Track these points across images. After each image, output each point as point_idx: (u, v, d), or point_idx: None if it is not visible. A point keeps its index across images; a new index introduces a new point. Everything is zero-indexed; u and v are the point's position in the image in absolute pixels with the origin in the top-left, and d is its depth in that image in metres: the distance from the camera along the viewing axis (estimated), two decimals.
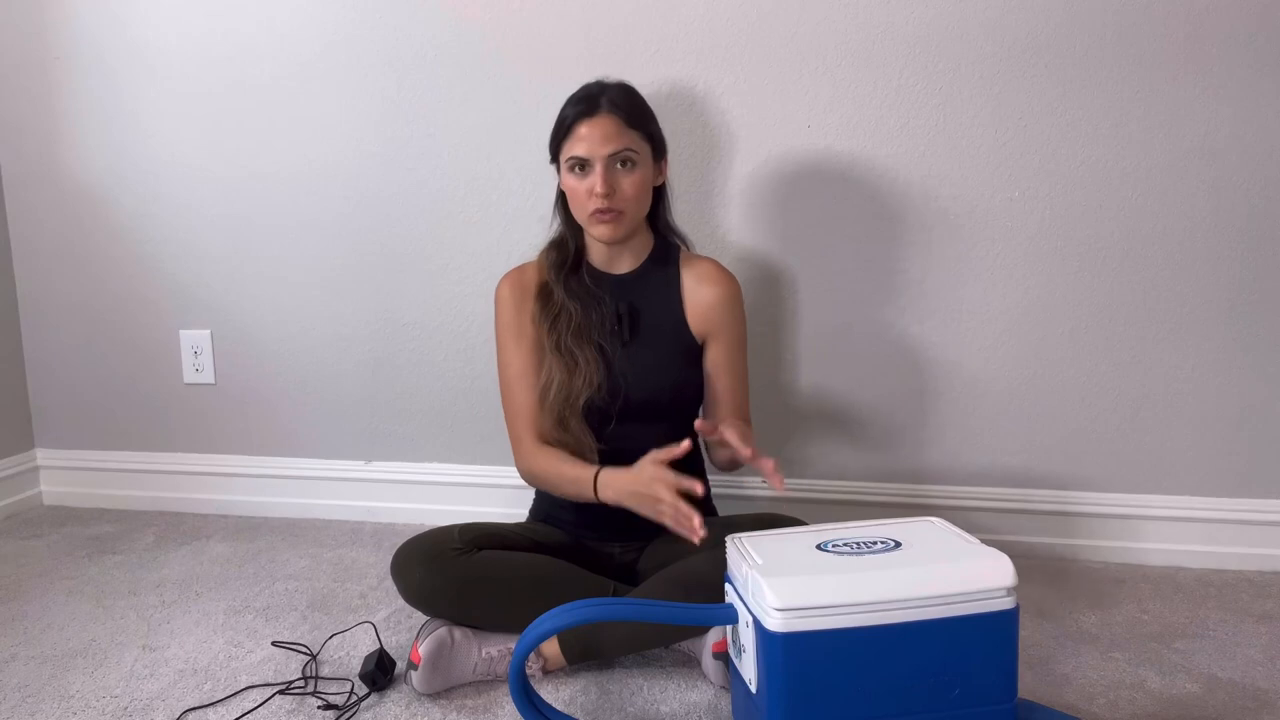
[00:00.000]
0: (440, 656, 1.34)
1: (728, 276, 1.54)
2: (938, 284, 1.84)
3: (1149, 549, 1.83)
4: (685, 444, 1.28)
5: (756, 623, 1.03)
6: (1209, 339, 1.78)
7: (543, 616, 1.13)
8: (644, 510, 1.30)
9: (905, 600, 1.01)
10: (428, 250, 2.02)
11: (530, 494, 1.64)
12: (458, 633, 1.37)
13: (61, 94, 2.13)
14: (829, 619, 1.00)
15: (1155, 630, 1.55)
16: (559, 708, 1.32)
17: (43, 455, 2.31)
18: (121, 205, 2.15)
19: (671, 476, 1.27)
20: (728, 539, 1.18)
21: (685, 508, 1.24)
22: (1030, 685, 1.37)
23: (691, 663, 1.43)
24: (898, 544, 1.11)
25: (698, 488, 1.25)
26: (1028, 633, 1.54)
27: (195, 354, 2.18)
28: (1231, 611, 1.62)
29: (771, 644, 1.01)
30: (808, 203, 1.86)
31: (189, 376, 2.19)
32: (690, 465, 1.61)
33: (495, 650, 1.38)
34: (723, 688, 1.35)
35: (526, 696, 1.18)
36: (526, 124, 1.90)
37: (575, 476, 1.40)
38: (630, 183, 1.42)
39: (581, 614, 1.13)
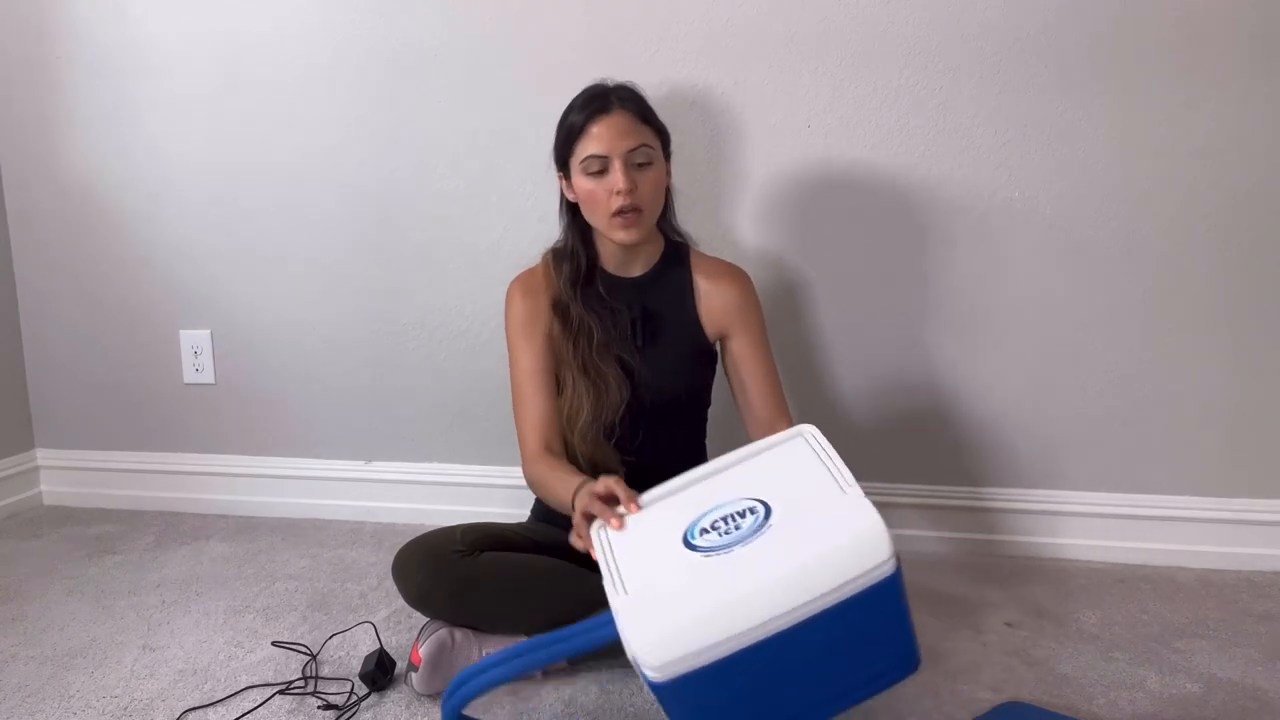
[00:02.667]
0: (440, 657, 1.34)
1: (739, 273, 1.53)
2: (937, 284, 1.84)
3: (1149, 549, 1.83)
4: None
5: (634, 659, 0.95)
6: (1209, 339, 1.77)
7: (453, 683, 1.09)
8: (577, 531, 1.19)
9: (785, 613, 0.93)
10: (428, 250, 2.02)
11: (529, 495, 1.63)
12: (458, 634, 1.37)
13: (62, 93, 2.13)
14: (709, 654, 0.92)
15: (1155, 630, 1.55)
16: (559, 708, 1.32)
17: (43, 455, 2.31)
18: (121, 205, 2.15)
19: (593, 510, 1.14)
20: (593, 528, 1.10)
21: (587, 537, 1.14)
22: (1030, 685, 1.37)
23: None
24: (768, 511, 1.00)
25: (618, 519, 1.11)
26: (1028, 633, 1.54)
27: (195, 354, 2.17)
28: (1231, 611, 1.62)
29: (656, 688, 0.95)
30: (806, 202, 1.86)
31: (189, 376, 2.19)
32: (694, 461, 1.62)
33: (495, 651, 1.38)
34: None
35: None
36: (527, 124, 1.90)
37: (560, 491, 1.30)
38: (649, 180, 1.40)
39: (484, 680, 1.07)
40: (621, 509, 1.12)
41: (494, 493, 2.03)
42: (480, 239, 1.99)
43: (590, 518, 1.14)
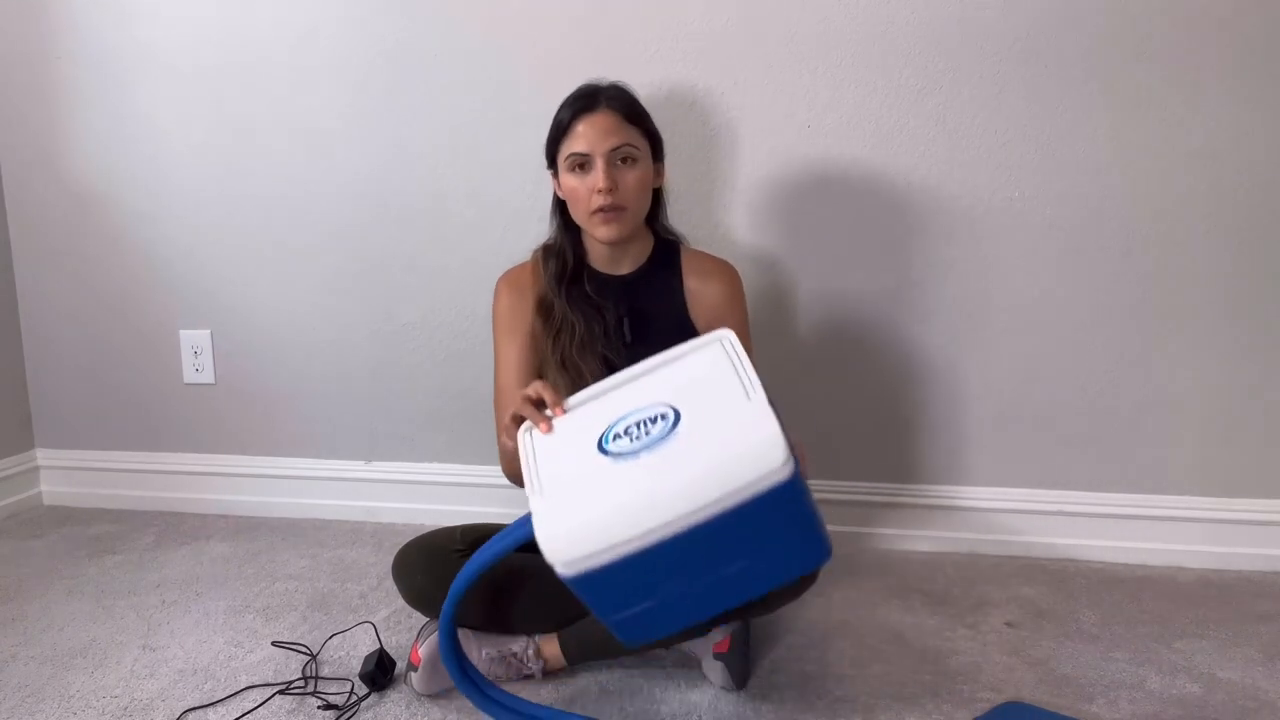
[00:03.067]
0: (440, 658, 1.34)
1: (727, 267, 1.53)
2: (938, 283, 1.84)
3: (1149, 549, 1.83)
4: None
5: (546, 558, 1.03)
6: (1209, 339, 1.78)
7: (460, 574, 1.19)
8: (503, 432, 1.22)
9: (682, 517, 0.98)
10: (427, 250, 2.02)
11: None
12: (458, 634, 1.37)
13: (61, 93, 2.13)
14: (611, 553, 0.99)
15: (1155, 630, 1.55)
16: (560, 707, 1.32)
17: (43, 455, 2.31)
18: (122, 205, 2.15)
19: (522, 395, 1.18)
20: (520, 430, 1.14)
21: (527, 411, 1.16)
22: (1030, 685, 1.37)
23: (692, 663, 1.43)
24: (677, 417, 1.05)
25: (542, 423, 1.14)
26: (1028, 633, 1.54)
27: (195, 354, 2.17)
28: (1231, 611, 1.62)
29: (566, 581, 1.03)
30: (807, 203, 1.86)
31: (189, 376, 2.19)
32: None
33: (495, 651, 1.38)
34: (723, 688, 1.36)
35: (457, 658, 1.23)
36: (526, 124, 1.90)
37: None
38: (632, 179, 1.40)
39: (451, 600, 1.19)
40: (549, 412, 1.14)
41: (494, 493, 2.02)
42: (480, 239, 1.99)
43: (520, 420, 1.15)
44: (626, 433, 1.06)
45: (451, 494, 2.08)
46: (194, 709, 1.34)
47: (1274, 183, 1.71)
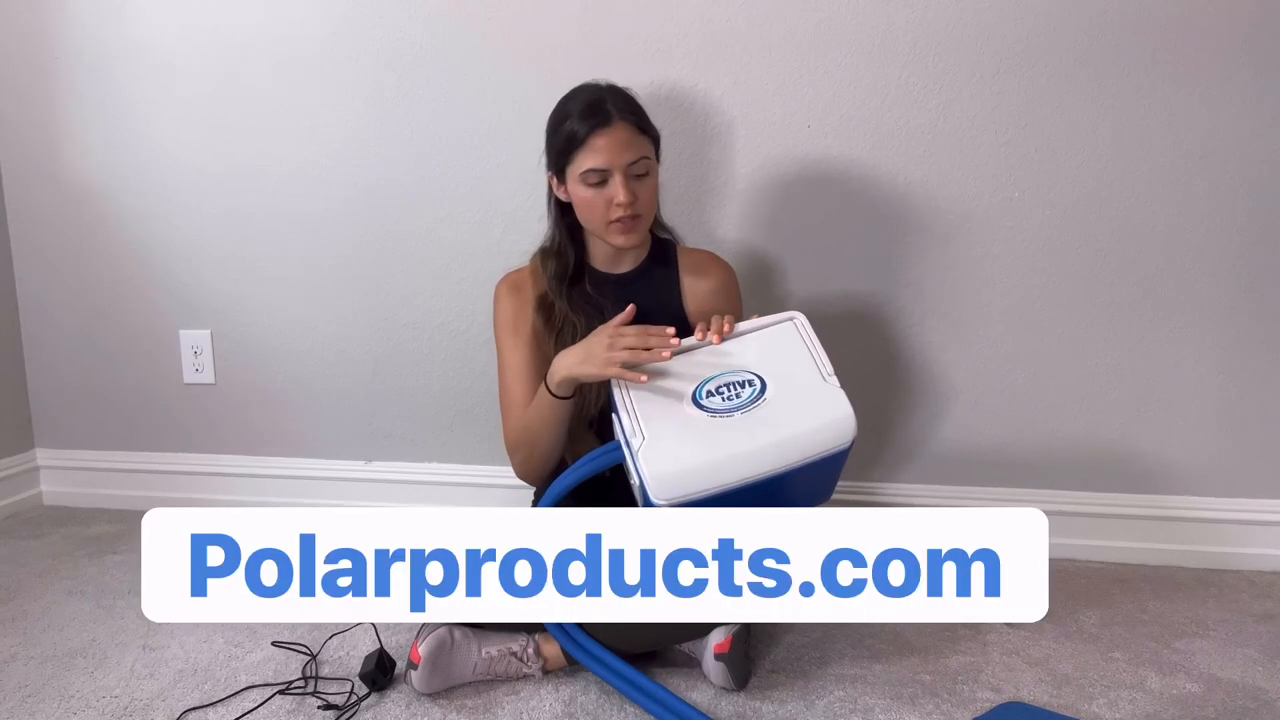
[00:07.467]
0: (440, 656, 1.34)
1: (722, 265, 1.56)
2: (937, 284, 1.84)
3: (1150, 549, 1.83)
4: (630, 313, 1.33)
5: (643, 486, 1.18)
6: (1209, 339, 1.78)
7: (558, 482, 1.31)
8: (597, 364, 1.27)
9: (768, 471, 1.18)
10: (428, 250, 2.02)
11: (529, 494, 1.64)
12: (458, 632, 1.37)
13: (61, 93, 2.13)
14: (703, 493, 1.17)
15: (1155, 630, 1.55)
16: (560, 708, 1.32)
17: (43, 455, 2.31)
18: (121, 205, 2.15)
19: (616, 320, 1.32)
20: (613, 383, 1.26)
21: (648, 328, 1.28)
22: (1030, 685, 1.37)
23: (692, 663, 1.43)
24: (763, 386, 1.22)
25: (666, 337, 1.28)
26: (1028, 633, 1.54)
27: (195, 354, 2.17)
28: (1231, 611, 1.62)
29: (654, 506, 1.19)
30: (807, 203, 1.86)
31: (189, 376, 2.19)
32: None
33: (495, 650, 1.38)
34: (723, 688, 1.36)
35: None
36: (526, 124, 1.89)
37: (536, 401, 1.41)
38: (648, 189, 1.43)
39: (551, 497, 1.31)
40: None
41: (493, 493, 2.03)
42: (480, 239, 1.99)
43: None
44: (719, 391, 1.22)
45: (451, 494, 2.08)
46: (194, 709, 1.34)
47: (1274, 182, 1.71)
